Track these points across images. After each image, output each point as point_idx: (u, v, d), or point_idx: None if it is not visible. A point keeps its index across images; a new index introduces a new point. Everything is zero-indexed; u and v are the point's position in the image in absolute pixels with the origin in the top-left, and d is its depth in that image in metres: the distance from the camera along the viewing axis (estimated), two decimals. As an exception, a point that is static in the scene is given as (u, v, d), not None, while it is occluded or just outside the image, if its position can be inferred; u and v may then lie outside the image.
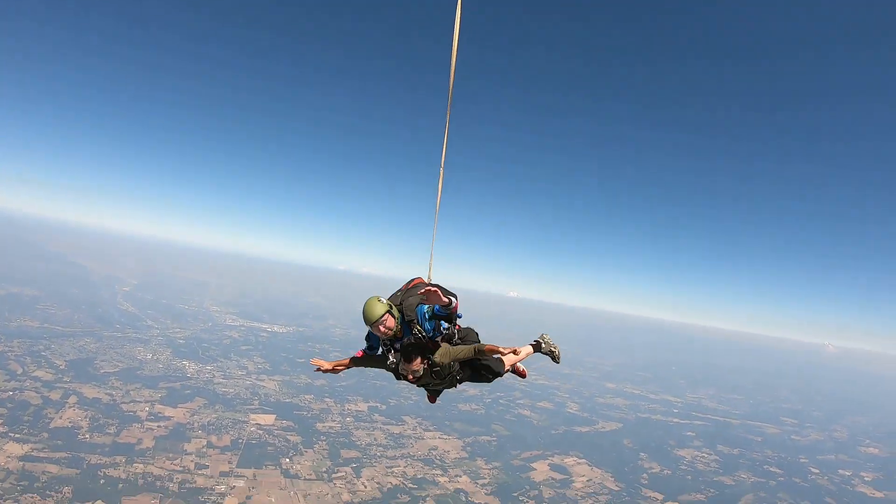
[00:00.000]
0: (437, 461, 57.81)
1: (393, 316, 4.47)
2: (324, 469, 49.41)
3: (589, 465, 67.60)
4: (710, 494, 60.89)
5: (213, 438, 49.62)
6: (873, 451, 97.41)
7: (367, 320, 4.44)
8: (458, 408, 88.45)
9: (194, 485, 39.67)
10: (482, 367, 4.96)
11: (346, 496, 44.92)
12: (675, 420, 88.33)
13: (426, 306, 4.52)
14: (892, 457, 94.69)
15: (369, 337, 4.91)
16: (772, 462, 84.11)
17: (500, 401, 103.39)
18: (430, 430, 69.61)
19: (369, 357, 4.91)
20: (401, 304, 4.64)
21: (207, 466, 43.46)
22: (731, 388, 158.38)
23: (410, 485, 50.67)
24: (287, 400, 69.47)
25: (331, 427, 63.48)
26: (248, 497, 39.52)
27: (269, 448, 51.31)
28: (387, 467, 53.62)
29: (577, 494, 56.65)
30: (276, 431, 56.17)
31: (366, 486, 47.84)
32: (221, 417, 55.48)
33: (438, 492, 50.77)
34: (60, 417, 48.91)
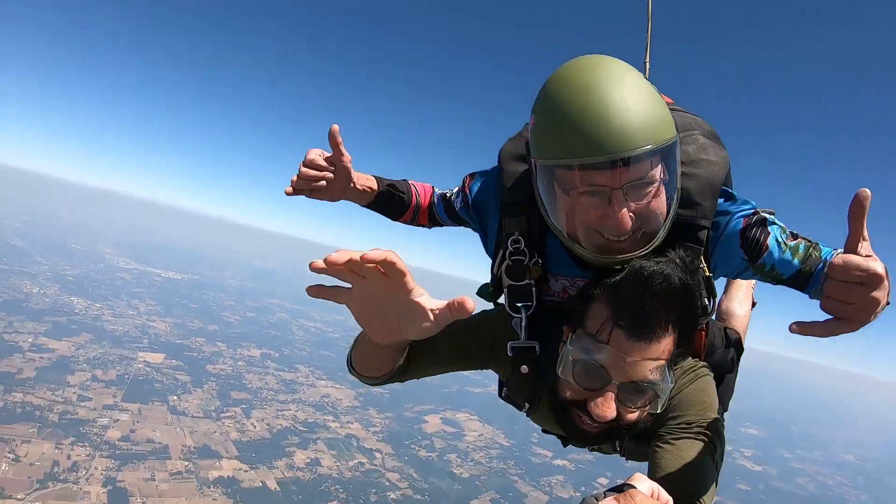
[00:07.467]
0: (328, 408, 61.02)
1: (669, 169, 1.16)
2: (212, 408, 50.69)
3: (480, 422, 73.36)
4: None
5: (98, 372, 49.21)
6: (753, 433, 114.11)
7: (566, 153, 1.07)
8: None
9: (75, 416, 39.76)
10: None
11: (234, 434, 46.51)
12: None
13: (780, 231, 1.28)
14: (766, 437, 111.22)
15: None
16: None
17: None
18: (322, 380, 72.67)
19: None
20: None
21: (91, 399, 43.37)
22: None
23: (301, 427, 53.26)
24: (178, 341, 69.14)
25: (221, 369, 64.42)
26: (132, 430, 40.14)
27: (156, 385, 51.68)
28: (277, 410, 55.86)
29: (468, 447, 62.31)
30: (164, 370, 56.42)
31: (255, 427, 49.68)
32: (108, 353, 54.87)
33: (329, 435, 53.70)
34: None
